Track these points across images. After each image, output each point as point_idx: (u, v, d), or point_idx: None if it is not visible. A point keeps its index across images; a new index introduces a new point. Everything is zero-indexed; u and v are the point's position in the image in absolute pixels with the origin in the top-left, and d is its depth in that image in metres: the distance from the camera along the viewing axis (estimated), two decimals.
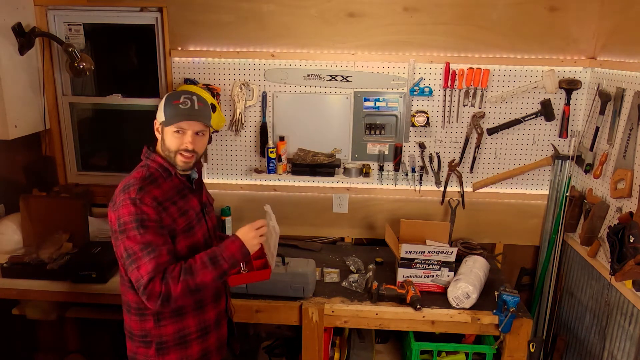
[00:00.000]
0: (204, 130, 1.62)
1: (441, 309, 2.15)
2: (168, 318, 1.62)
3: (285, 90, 2.64)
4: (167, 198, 1.58)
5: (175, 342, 1.64)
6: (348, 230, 2.83)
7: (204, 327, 1.69)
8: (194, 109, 1.58)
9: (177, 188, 1.63)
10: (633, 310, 2.04)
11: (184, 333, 1.65)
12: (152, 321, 1.62)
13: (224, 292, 1.80)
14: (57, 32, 2.71)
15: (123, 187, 1.56)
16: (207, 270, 1.52)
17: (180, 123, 1.57)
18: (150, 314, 1.61)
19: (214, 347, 1.75)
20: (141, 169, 1.62)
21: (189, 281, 1.49)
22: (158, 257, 1.49)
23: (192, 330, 1.66)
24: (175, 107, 1.57)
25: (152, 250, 1.49)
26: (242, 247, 1.59)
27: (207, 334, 1.71)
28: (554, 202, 2.65)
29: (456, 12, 2.47)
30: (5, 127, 2.41)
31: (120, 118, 2.93)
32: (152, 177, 1.60)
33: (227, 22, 2.55)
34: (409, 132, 2.65)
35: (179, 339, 1.65)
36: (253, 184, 2.77)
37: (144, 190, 1.54)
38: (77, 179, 2.94)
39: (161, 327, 1.63)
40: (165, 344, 1.64)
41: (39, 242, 2.40)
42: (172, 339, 1.64)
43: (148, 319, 1.62)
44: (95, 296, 2.25)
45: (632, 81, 2.12)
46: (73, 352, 2.89)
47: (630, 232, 1.92)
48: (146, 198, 1.52)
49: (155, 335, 1.63)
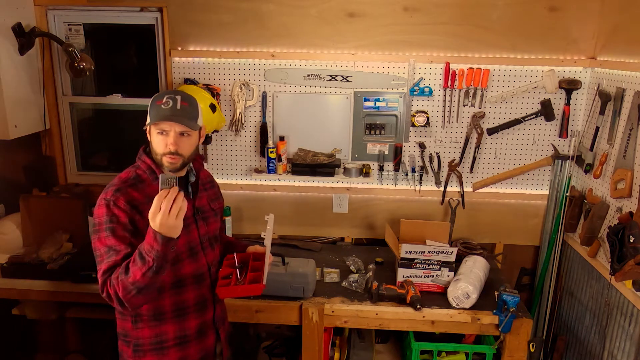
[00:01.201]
0: (187, 131, 1.54)
1: (441, 309, 2.15)
2: (146, 321, 1.60)
3: (285, 90, 2.64)
4: (147, 201, 1.48)
5: (152, 346, 1.61)
6: (348, 230, 2.83)
7: (183, 335, 1.64)
8: (176, 108, 1.52)
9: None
10: (633, 310, 2.04)
11: (161, 339, 1.61)
12: (130, 322, 1.61)
13: (211, 302, 1.71)
14: (57, 32, 2.71)
15: (105, 187, 1.56)
16: (136, 267, 1.39)
17: (161, 124, 1.52)
18: (129, 314, 1.59)
19: (196, 358, 1.68)
20: (130, 169, 1.61)
21: (124, 281, 1.41)
22: (113, 261, 1.46)
23: (169, 337, 1.62)
24: (158, 107, 1.53)
25: (113, 254, 1.47)
26: (156, 234, 1.36)
27: (186, 342, 1.65)
28: (554, 202, 2.65)
29: (456, 12, 2.47)
30: (5, 127, 2.41)
31: (120, 118, 2.93)
32: (138, 179, 1.57)
33: (227, 22, 2.55)
34: (409, 132, 2.65)
35: (155, 343, 1.61)
36: (253, 184, 2.77)
37: (121, 192, 1.52)
38: (77, 179, 2.94)
39: (138, 329, 1.61)
40: (141, 347, 1.62)
41: (39, 242, 2.40)
42: (149, 342, 1.61)
43: (127, 319, 1.62)
44: (95, 296, 2.24)
45: (632, 81, 2.12)
46: (73, 352, 2.89)
47: (630, 232, 1.91)
48: (120, 200, 1.50)
49: (133, 337, 1.62)
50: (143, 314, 1.59)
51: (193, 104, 1.59)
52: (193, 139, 1.58)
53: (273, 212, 1.75)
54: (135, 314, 1.59)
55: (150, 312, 1.59)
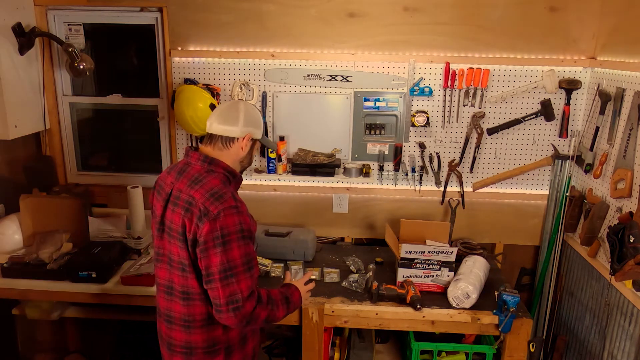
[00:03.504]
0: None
1: (441, 309, 2.15)
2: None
3: (285, 90, 2.64)
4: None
5: (239, 344, 1.69)
6: (348, 230, 2.83)
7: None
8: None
9: (236, 191, 1.66)
10: (633, 310, 2.04)
11: (243, 332, 1.69)
12: (220, 329, 1.63)
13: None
14: (57, 32, 2.71)
15: (211, 195, 1.51)
16: (283, 308, 1.63)
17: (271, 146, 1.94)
18: (216, 322, 1.61)
19: (257, 342, 1.81)
20: (211, 175, 1.58)
21: (271, 312, 1.57)
22: (254, 274, 1.53)
23: (247, 329, 1.70)
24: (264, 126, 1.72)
25: (251, 266, 1.52)
26: (300, 299, 1.74)
27: (254, 330, 1.75)
28: (554, 202, 2.65)
29: (456, 12, 2.47)
30: (5, 127, 2.41)
31: (120, 118, 2.93)
32: (227, 183, 1.61)
33: (227, 22, 2.55)
34: (409, 132, 2.65)
35: (241, 340, 1.69)
36: (253, 184, 2.77)
37: (236, 197, 1.55)
38: (77, 179, 2.94)
39: (228, 332, 1.65)
40: (232, 347, 1.67)
41: (39, 242, 2.39)
42: (237, 341, 1.68)
43: (217, 328, 1.63)
44: (95, 296, 2.25)
45: (632, 81, 2.12)
46: (73, 352, 2.89)
47: (630, 232, 1.91)
48: (243, 206, 1.55)
49: (223, 342, 1.64)
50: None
51: None
52: None
53: (273, 212, 1.79)
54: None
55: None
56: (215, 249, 1.47)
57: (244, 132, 1.64)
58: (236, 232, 1.48)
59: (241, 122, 1.63)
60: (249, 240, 1.53)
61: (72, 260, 2.30)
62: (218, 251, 1.47)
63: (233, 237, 1.48)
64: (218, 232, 1.47)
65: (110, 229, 2.63)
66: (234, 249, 1.48)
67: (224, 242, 1.47)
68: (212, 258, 1.48)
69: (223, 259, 1.47)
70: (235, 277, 1.47)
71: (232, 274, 1.47)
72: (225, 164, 1.63)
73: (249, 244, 1.53)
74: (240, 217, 1.50)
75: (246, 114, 1.64)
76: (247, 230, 1.52)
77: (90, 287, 2.23)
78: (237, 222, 1.49)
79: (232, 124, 1.63)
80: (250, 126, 1.65)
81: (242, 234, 1.50)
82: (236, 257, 1.48)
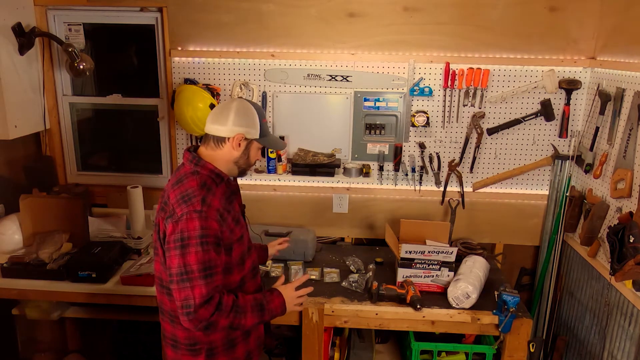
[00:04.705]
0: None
1: (441, 309, 2.15)
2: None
3: (285, 90, 2.64)
4: (223, 207, 1.54)
5: (224, 346, 1.64)
6: (348, 230, 2.83)
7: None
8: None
9: (225, 194, 1.59)
10: (633, 310, 2.04)
11: (231, 336, 1.65)
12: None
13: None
14: (57, 32, 2.71)
15: (182, 197, 1.50)
16: (253, 315, 1.56)
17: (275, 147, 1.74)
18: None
19: (254, 347, 1.75)
20: (191, 177, 1.55)
21: (234, 319, 1.51)
22: (213, 281, 1.47)
23: (238, 333, 1.66)
24: (265, 125, 1.62)
25: (211, 273, 1.47)
26: (283, 305, 1.65)
27: (248, 334, 1.70)
28: (554, 202, 2.65)
29: (456, 12, 2.47)
30: (5, 127, 2.41)
31: (120, 118, 2.93)
32: (207, 186, 1.54)
33: (227, 22, 2.55)
34: (409, 132, 2.65)
35: (227, 342, 1.64)
36: (253, 184, 2.77)
37: (206, 202, 1.49)
38: (77, 179, 2.94)
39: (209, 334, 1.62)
40: (215, 350, 1.63)
41: (39, 242, 2.40)
42: (222, 343, 1.63)
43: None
44: (95, 296, 2.25)
45: (632, 81, 2.12)
46: (73, 352, 2.89)
47: (630, 232, 1.92)
48: (211, 211, 1.48)
49: (205, 342, 1.61)
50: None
51: None
52: None
53: (273, 212, 1.79)
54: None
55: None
56: (174, 250, 1.46)
57: (234, 131, 1.56)
58: (196, 237, 1.44)
59: (230, 121, 1.55)
60: (214, 246, 1.48)
61: (72, 261, 2.30)
62: (177, 254, 1.46)
63: (192, 241, 1.44)
64: (178, 235, 1.45)
65: (110, 229, 2.63)
66: (191, 253, 1.44)
67: (182, 245, 1.45)
68: (172, 259, 1.47)
69: (180, 262, 1.45)
70: (190, 282, 1.45)
71: (187, 279, 1.45)
72: (212, 165, 1.57)
73: (210, 251, 1.46)
74: (203, 222, 1.45)
75: (237, 113, 1.57)
76: (211, 237, 1.47)
77: (90, 287, 2.23)
78: (198, 227, 1.44)
79: (221, 123, 1.57)
80: (242, 126, 1.57)
81: (204, 240, 1.45)
82: (192, 262, 1.44)
